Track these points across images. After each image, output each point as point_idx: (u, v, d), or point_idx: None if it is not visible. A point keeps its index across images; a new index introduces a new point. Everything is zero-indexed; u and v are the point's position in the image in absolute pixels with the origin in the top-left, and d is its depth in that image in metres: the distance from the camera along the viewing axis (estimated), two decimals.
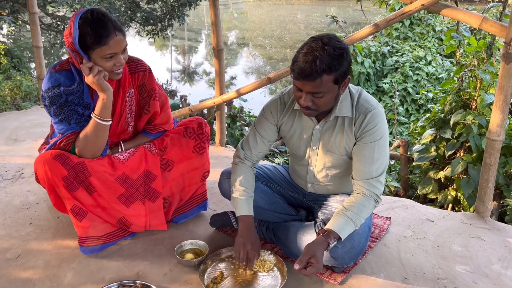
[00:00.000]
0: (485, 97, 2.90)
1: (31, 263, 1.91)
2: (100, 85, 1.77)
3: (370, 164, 1.74)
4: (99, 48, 1.72)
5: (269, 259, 1.88)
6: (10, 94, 6.20)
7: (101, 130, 1.86)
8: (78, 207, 1.87)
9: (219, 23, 3.12)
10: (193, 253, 1.95)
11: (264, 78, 2.98)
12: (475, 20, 2.11)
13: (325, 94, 1.61)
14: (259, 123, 1.95)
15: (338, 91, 1.66)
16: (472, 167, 2.92)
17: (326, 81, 1.58)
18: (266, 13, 25.50)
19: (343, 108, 1.75)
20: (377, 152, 1.74)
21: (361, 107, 1.75)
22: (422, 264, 1.91)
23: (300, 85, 1.61)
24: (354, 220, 1.70)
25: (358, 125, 1.74)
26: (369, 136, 1.73)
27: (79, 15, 1.74)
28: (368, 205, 1.74)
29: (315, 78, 1.56)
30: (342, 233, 1.67)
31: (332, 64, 1.56)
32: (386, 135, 1.76)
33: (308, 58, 1.56)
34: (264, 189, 2.02)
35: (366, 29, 2.51)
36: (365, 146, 1.74)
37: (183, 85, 11.99)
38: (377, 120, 1.72)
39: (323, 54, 1.55)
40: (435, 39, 8.23)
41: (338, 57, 1.57)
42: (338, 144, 1.81)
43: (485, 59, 2.94)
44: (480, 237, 2.12)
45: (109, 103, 1.83)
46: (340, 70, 1.59)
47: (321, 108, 1.68)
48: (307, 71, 1.55)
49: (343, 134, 1.79)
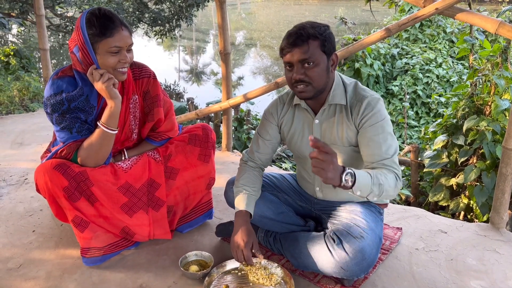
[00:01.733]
0: (500, 102, 2.81)
1: (33, 274, 1.87)
2: (109, 92, 1.74)
3: (379, 146, 1.67)
4: (105, 39, 1.70)
5: (276, 272, 1.82)
6: (19, 95, 6.21)
7: (107, 139, 1.82)
8: (80, 218, 1.83)
9: (226, 27, 3.07)
10: (198, 265, 1.90)
11: (272, 83, 2.92)
12: (491, 25, 2.03)
13: (315, 64, 1.65)
14: (261, 126, 1.97)
15: (328, 64, 1.69)
16: (486, 175, 2.84)
17: (313, 47, 1.64)
18: (274, 13, 25.45)
19: (336, 96, 1.76)
20: (382, 133, 1.68)
21: (358, 95, 1.75)
22: (435, 279, 1.84)
23: (289, 57, 1.66)
24: (373, 176, 1.56)
25: (356, 113, 1.73)
26: (370, 120, 1.70)
27: (86, 12, 1.75)
28: (389, 176, 1.61)
29: (302, 43, 1.63)
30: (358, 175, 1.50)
31: (317, 32, 1.65)
32: (388, 119, 1.73)
33: (295, 29, 1.67)
34: (271, 199, 1.96)
35: (377, 33, 2.44)
36: (368, 129, 1.70)
37: (190, 85, 12.00)
38: (374, 104, 1.71)
39: (306, 26, 1.67)
40: (446, 41, 8.11)
41: (321, 27, 1.67)
42: (340, 135, 1.78)
43: (499, 63, 2.85)
44: (495, 250, 2.04)
45: (116, 112, 1.79)
46: (325, 37, 1.66)
47: (314, 82, 1.67)
48: (293, 38, 1.64)
49: (343, 124, 1.76)
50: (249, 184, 1.88)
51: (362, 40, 2.52)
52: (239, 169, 1.97)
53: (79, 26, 1.72)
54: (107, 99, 1.77)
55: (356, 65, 6.95)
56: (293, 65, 1.68)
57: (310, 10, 25.42)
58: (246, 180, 1.90)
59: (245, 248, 1.73)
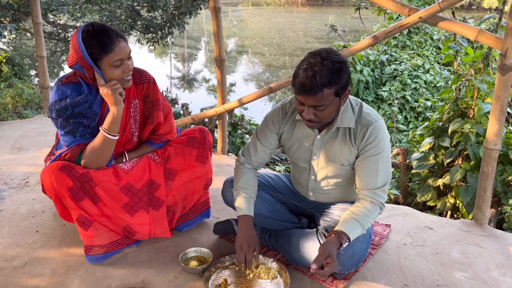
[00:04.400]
0: (482, 106, 2.95)
1: (38, 271, 1.95)
2: (114, 98, 1.82)
3: (375, 176, 1.79)
4: (106, 56, 1.78)
5: (272, 266, 1.91)
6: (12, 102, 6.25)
7: (108, 144, 1.90)
8: (84, 217, 1.91)
9: (221, 34, 3.17)
10: (197, 261, 1.98)
11: (266, 88, 3.03)
12: (471, 33, 2.16)
13: (327, 107, 1.67)
14: (261, 131, 2.00)
15: (339, 103, 1.71)
16: (471, 175, 2.97)
17: (327, 95, 1.63)
18: (265, 21, 25.65)
19: (344, 119, 1.80)
20: (381, 164, 1.79)
21: (363, 119, 1.79)
22: (422, 271, 1.95)
23: (302, 99, 1.67)
24: (362, 223, 1.75)
25: (361, 138, 1.79)
26: (372, 149, 1.77)
27: (80, 31, 1.79)
28: (374, 211, 1.80)
29: (316, 92, 1.61)
30: (351, 235, 1.72)
31: (332, 78, 1.61)
32: (388, 147, 1.81)
33: (308, 73, 1.60)
34: (266, 198, 2.06)
35: (365, 41, 2.57)
36: (369, 159, 1.79)
37: (182, 92, 12.06)
38: (379, 133, 1.77)
39: (322, 69, 1.60)
40: (433, 47, 8.31)
41: (337, 70, 1.62)
42: (340, 154, 1.85)
43: (482, 69, 3.00)
44: (478, 244, 2.15)
45: (118, 118, 1.87)
46: (340, 83, 1.64)
47: (324, 120, 1.74)
48: (308, 86, 1.60)
49: (345, 145, 1.83)
50: (247, 187, 1.96)
51: (351, 47, 2.64)
52: (236, 171, 2.04)
53: (77, 47, 1.76)
54: (110, 105, 1.84)
55: None
56: (304, 104, 1.68)
57: (300, 17, 25.67)
58: (244, 183, 1.98)
59: (248, 254, 1.81)
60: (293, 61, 13.87)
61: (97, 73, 1.81)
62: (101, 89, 1.82)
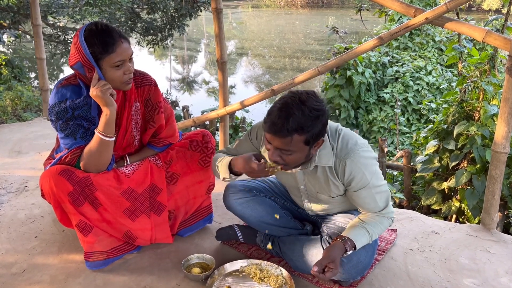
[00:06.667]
0: (488, 108, 2.91)
1: (37, 278, 1.90)
2: (104, 99, 1.76)
3: (374, 202, 1.73)
4: (108, 56, 1.74)
5: (278, 273, 1.87)
6: (11, 104, 6.21)
7: (105, 146, 1.85)
8: (84, 222, 1.86)
9: (223, 36, 3.14)
10: (200, 267, 1.94)
11: (268, 90, 2.99)
12: (479, 34, 2.12)
13: (293, 153, 1.57)
14: (243, 141, 1.93)
15: (309, 152, 1.61)
16: (476, 178, 2.92)
17: (296, 141, 1.53)
18: (265, 23, 25.65)
19: (322, 157, 1.68)
20: (374, 192, 1.71)
21: (340, 153, 1.68)
22: (430, 278, 1.90)
23: (269, 138, 1.57)
24: (370, 233, 1.71)
25: (342, 174, 1.69)
26: (359, 183, 1.68)
27: (82, 29, 1.75)
28: (385, 223, 1.76)
29: (285, 136, 1.51)
30: (358, 243, 1.67)
31: (305, 125, 1.51)
32: (375, 169, 1.70)
33: (281, 113, 1.51)
34: (269, 203, 2.02)
35: (370, 42, 2.53)
36: (360, 192, 1.70)
37: (182, 94, 12.03)
38: (359, 164, 1.65)
39: (297, 113, 1.50)
40: (435, 49, 8.27)
41: (313, 118, 1.52)
42: (325, 188, 1.78)
43: (487, 70, 2.95)
44: (487, 250, 2.11)
45: (112, 119, 1.82)
46: (313, 132, 1.54)
47: (290, 165, 1.64)
48: (278, 127, 1.51)
49: (328, 181, 1.74)
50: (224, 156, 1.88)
51: (356, 49, 2.60)
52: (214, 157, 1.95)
53: (79, 45, 1.73)
54: (102, 107, 1.79)
55: (348, 73, 7.07)
56: (270, 143, 1.59)
57: (300, 19, 25.67)
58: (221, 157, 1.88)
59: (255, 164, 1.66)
60: (293, 63, 13.83)
61: (96, 73, 1.76)
62: (91, 91, 1.76)
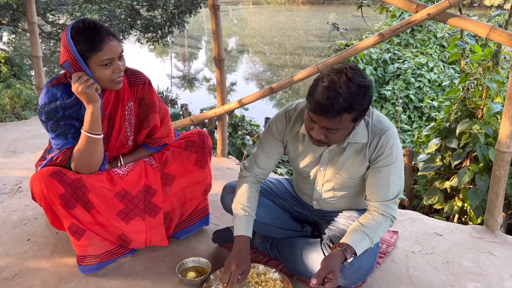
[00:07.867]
0: (492, 106, 2.84)
1: (28, 283, 1.85)
2: (87, 94, 1.69)
3: (387, 187, 1.68)
4: (95, 55, 1.68)
5: (275, 277, 1.82)
6: (10, 102, 6.16)
7: (93, 144, 1.78)
8: (76, 226, 1.81)
9: (220, 33, 3.08)
10: (195, 271, 1.89)
11: (267, 88, 2.93)
12: (482, 30, 2.06)
13: (340, 131, 1.54)
14: (264, 139, 1.88)
15: (353, 128, 1.59)
16: (479, 178, 2.86)
17: (345, 120, 1.49)
18: (265, 19, 25.54)
19: (357, 134, 1.67)
20: (393, 175, 1.68)
21: (375, 129, 1.67)
22: (432, 281, 1.85)
23: (315, 118, 1.51)
24: (371, 237, 1.65)
25: (373, 148, 1.68)
26: (385, 159, 1.67)
27: (69, 27, 1.70)
28: (385, 224, 1.69)
29: (335, 116, 1.46)
30: (358, 249, 1.61)
31: (355, 103, 1.45)
32: (401, 156, 1.71)
33: (330, 93, 1.44)
34: (268, 204, 1.96)
35: (371, 38, 2.47)
36: (380, 169, 1.68)
37: (183, 91, 11.97)
38: (392, 142, 1.66)
39: (347, 93, 1.43)
40: (437, 45, 8.18)
41: (361, 96, 1.46)
42: (349, 167, 1.74)
43: (490, 67, 2.89)
44: (490, 252, 2.06)
45: (97, 115, 1.75)
46: (361, 109, 1.50)
47: (332, 142, 1.61)
48: (327, 107, 1.44)
49: (356, 158, 1.72)
50: (248, 204, 1.82)
51: (357, 45, 2.54)
52: (238, 183, 1.90)
53: (66, 43, 1.68)
54: (85, 104, 1.72)
55: None
56: (316, 123, 1.54)
57: (301, 16, 25.55)
58: (245, 198, 1.83)
59: (234, 275, 1.67)
60: (294, 60, 13.75)
61: (79, 71, 1.70)
62: (73, 87, 1.69)
